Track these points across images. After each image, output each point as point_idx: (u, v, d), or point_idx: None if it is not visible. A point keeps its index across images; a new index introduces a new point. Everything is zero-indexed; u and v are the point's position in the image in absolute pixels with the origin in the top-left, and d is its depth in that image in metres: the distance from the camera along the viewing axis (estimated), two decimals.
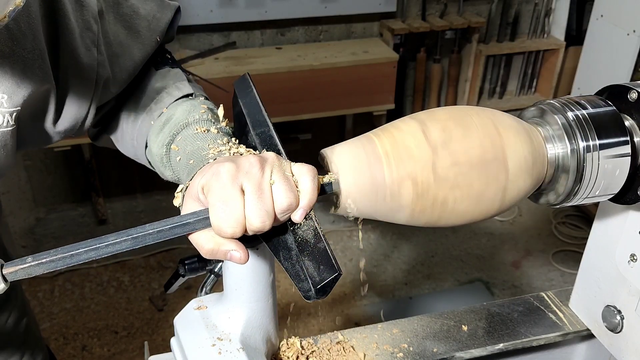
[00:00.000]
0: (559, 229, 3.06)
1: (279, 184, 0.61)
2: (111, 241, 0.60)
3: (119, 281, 2.71)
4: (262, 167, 0.62)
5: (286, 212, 0.62)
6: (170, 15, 0.89)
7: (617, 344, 0.89)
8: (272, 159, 0.64)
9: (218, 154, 0.72)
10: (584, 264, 0.95)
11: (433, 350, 0.91)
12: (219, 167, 0.62)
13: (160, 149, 0.80)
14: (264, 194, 0.60)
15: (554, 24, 3.34)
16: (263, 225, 0.60)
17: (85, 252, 0.59)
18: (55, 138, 0.81)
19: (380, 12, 3.05)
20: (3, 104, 0.69)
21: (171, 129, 0.80)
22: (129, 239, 0.60)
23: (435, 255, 2.90)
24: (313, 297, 0.61)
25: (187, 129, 0.79)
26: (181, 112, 0.81)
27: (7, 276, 0.57)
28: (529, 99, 3.50)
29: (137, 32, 0.85)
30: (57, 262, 0.58)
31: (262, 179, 0.61)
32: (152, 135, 0.82)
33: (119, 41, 0.83)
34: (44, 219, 3.08)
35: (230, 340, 0.78)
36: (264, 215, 0.60)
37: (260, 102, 0.75)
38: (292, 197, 0.61)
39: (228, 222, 0.60)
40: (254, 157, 0.63)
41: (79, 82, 0.77)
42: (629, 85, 0.70)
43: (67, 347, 2.37)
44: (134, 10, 0.85)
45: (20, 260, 0.58)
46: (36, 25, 0.70)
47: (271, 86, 2.72)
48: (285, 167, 0.63)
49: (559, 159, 0.69)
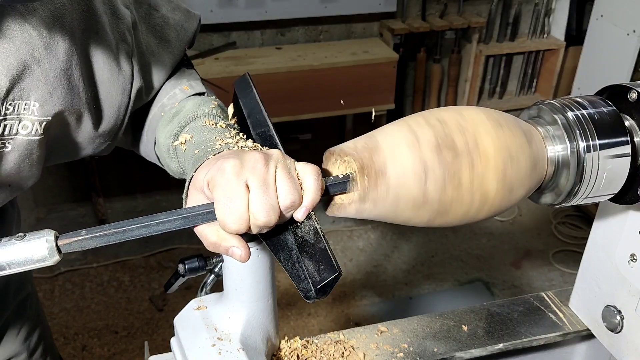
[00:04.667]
0: (559, 229, 3.06)
1: (283, 180, 0.61)
2: (162, 220, 0.61)
3: (119, 281, 2.71)
4: (267, 163, 0.62)
5: (289, 209, 0.62)
6: (196, 24, 0.91)
7: (617, 344, 0.89)
8: (277, 156, 0.64)
9: (225, 145, 0.72)
10: (584, 264, 0.95)
11: (433, 350, 0.91)
12: (223, 163, 0.62)
13: (167, 139, 0.80)
14: (269, 189, 0.61)
15: (554, 24, 3.34)
16: (268, 220, 0.60)
17: (137, 228, 0.61)
18: (87, 151, 0.82)
19: (380, 12, 3.05)
20: (34, 112, 0.69)
21: (180, 120, 0.80)
22: (180, 218, 0.62)
23: (435, 255, 2.90)
24: (313, 297, 0.61)
25: (195, 121, 0.79)
26: (191, 105, 0.82)
27: (62, 247, 0.58)
28: (529, 99, 3.50)
29: (168, 41, 0.87)
30: (110, 237, 0.60)
31: (267, 175, 0.61)
32: (160, 126, 0.83)
33: (151, 50, 0.84)
34: (44, 219, 3.08)
35: (230, 340, 0.78)
36: (270, 210, 0.60)
37: (260, 102, 0.75)
38: (296, 194, 0.61)
39: (233, 217, 0.60)
40: (258, 153, 0.63)
41: (118, 92, 0.78)
42: (629, 85, 0.70)
43: (67, 347, 2.37)
44: (165, 20, 0.87)
45: (74, 233, 0.59)
46: (70, 37, 0.70)
47: (271, 86, 2.72)
48: (289, 165, 0.64)
49: (559, 159, 0.69)
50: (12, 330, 1.02)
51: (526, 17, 3.34)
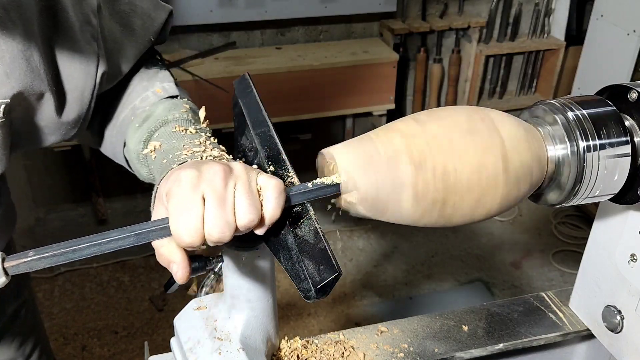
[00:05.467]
0: (559, 229, 3.06)
1: (241, 197, 0.59)
2: (114, 237, 0.59)
3: (119, 281, 2.71)
4: (226, 177, 0.59)
5: (246, 228, 0.60)
6: (165, 16, 0.88)
7: (617, 344, 0.89)
8: (239, 170, 0.61)
9: (191, 155, 0.70)
10: (584, 264, 0.95)
11: (433, 350, 0.91)
12: (180, 174, 0.60)
13: (137, 145, 0.79)
14: (226, 204, 0.58)
15: (554, 23, 3.34)
16: (222, 237, 0.58)
17: (88, 247, 0.58)
18: (55, 137, 0.80)
19: (380, 12, 3.05)
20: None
21: (150, 126, 0.79)
22: (132, 235, 0.59)
23: (435, 255, 2.90)
24: (313, 297, 0.61)
25: (165, 127, 0.78)
26: (162, 109, 0.80)
27: (8, 269, 0.56)
28: (529, 99, 3.50)
29: (132, 30, 0.85)
30: (59, 257, 0.57)
31: (225, 190, 0.59)
32: (130, 131, 0.81)
33: (114, 38, 0.82)
34: (44, 219, 3.08)
35: (230, 340, 0.78)
36: (224, 226, 0.58)
37: (260, 102, 0.75)
38: (254, 212, 0.59)
39: (186, 230, 0.57)
40: (219, 165, 0.60)
41: (81, 75, 0.77)
42: (629, 85, 0.70)
43: (67, 347, 2.37)
44: (131, 7, 0.85)
45: (22, 254, 0.57)
46: (28, 17, 0.69)
47: (271, 86, 2.72)
48: (251, 179, 0.61)
49: (559, 159, 0.69)
50: (7, 337, 1.01)
51: (526, 17, 3.34)
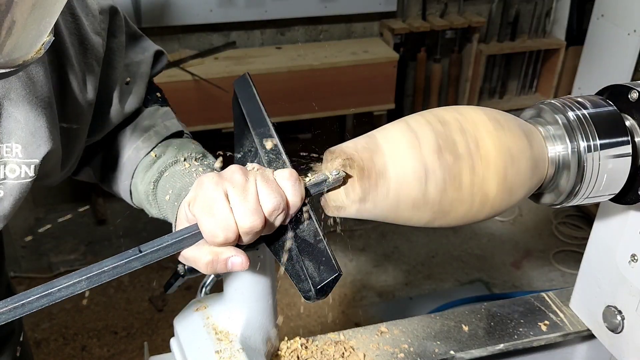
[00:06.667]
0: (559, 229, 3.06)
1: (262, 185, 0.61)
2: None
3: (119, 281, 2.70)
4: (244, 172, 0.62)
5: (274, 212, 0.61)
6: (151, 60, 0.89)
7: (618, 344, 0.88)
8: (255, 166, 0.64)
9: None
10: (585, 264, 0.95)
11: (433, 350, 0.91)
12: (202, 178, 0.62)
13: (147, 185, 0.80)
14: (249, 194, 0.60)
15: (554, 23, 3.34)
16: (253, 225, 0.60)
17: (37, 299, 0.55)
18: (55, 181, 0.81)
19: (380, 11, 3.05)
20: (18, 155, 0.67)
21: (159, 166, 0.80)
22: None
23: (435, 255, 2.90)
24: (313, 297, 0.60)
25: (175, 166, 0.79)
26: (171, 150, 0.82)
27: None
28: (530, 98, 3.50)
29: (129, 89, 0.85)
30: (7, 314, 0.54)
31: (246, 182, 0.61)
32: (139, 172, 0.82)
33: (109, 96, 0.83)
34: (44, 219, 3.08)
35: (230, 340, 0.78)
36: (253, 214, 0.59)
37: (260, 102, 0.75)
38: (278, 196, 0.61)
39: (219, 226, 0.59)
40: (236, 165, 0.63)
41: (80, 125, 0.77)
42: (630, 85, 0.70)
43: (66, 347, 2.37)
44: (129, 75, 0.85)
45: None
46: (45, 71, 0.68)
47: (271, 86, 2.72)
48: (267, 172, 0.63)
49: (559, 158, 0.69)
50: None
51: (526, 16, 3.34)
